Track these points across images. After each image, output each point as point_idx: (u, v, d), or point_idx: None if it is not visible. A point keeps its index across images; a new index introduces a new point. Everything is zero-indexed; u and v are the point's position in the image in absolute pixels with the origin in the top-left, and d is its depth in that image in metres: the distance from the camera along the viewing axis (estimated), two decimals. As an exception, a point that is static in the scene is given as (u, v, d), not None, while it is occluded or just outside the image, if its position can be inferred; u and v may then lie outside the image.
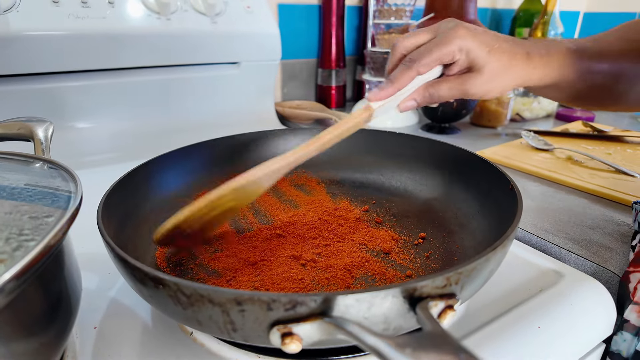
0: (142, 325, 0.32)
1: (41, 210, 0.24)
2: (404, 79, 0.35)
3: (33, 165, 0.32)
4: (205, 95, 0.78)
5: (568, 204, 0.51)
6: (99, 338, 0.30)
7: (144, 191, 0.40)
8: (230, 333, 0.22)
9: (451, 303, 0.22)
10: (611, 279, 0.38)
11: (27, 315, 0.22)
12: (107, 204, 0.32)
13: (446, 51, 0.35)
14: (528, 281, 0.36)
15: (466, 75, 0.36)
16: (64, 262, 0.26)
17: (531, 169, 0.61)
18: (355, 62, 1.09)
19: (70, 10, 0.61)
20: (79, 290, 0.28)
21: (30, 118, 0.38)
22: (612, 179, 0.57)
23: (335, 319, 0.20)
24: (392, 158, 0.50)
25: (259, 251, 0.37)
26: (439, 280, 0.22)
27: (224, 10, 0.75)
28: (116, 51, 0.65)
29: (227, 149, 0.50)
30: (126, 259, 0.24)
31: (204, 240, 0.38)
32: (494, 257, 0.25)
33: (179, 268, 0.35)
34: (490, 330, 0.30)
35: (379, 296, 0.20)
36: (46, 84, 0.62)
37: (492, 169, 0.38)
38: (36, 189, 0.27)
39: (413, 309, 0.21)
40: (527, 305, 0.33)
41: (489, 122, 0.87)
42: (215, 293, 0.21)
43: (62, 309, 0.25)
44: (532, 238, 0.44)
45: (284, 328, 0.20)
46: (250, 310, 0.20)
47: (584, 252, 0.41)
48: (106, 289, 0.35)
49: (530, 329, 0.31)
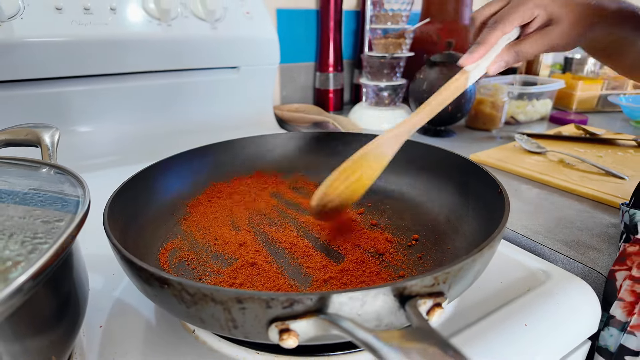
0: (146, 323, 0.33)
1: (52, 214, 0.25)
2: (492, 39, 0.38)
3: (41, 171, 0.34)
4: (205, 99, 0.79)
5: (559, 206, 0.53)
6: (105, 336, 0.32)
7: (147, 194, 0.42)
8: (232, 330, 0.24)
9: (439, 301, 0.23)
10: (597, 278, 0.39)
11: (39, 315, 0.23)
12: (112, 207, 0.33)
13: (526, 9, 0.37)
14: (517, 281, 0.38)
15: (547, 29, 0.38)
16: (73, 264, 0.27)
17: (524, 172, 0.63)
18: (353, 65, 1.11)
19: (73, 17, 0.63)
20: (87, 290, 0.30)
21: (37, 124, 0.39)
22: (602, 182, 0.58)
23: (329, 316, 0.21)
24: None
25: (257, 252, 0.38)
26: (428, 280, 0.23)
27: (223, 16, 0.76)
28: (118, 57, 0.67)
29: (228, 153, 0.52)
30: (133, 261, 0.25)
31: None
32: (480, 258, 0.26)
33: (181, 269, 0.37)
34: (479, 328, 0.32)
35: (371, 294, 0.22)
36: (50, 89, 0.63)
37: (483, 173, 0.39)
38: (46, 194, 0.28)
39: (403, 307, 0.23)
40: (515, 304, 0.34)
41: (484, 125, 0.89)
42: (217, 292, 0.22)
43: (71, 309, 0.26)
44: (522, 239, 0.45)
45: (282, 325, 0.22)
46: (251, 308, 0.22)
47: (572, 253, 0.42)
48: (111, 289, 0.37)
49: (517, 327, 0.32)
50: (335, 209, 0.40)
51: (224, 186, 0.51)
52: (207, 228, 0.43)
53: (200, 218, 0.45)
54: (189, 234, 0.42)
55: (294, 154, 0.55)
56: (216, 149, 0.51)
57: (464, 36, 0.99)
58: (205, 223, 0.44)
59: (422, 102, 0.83)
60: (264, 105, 0.88)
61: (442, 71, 0.78)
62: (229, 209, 0.47)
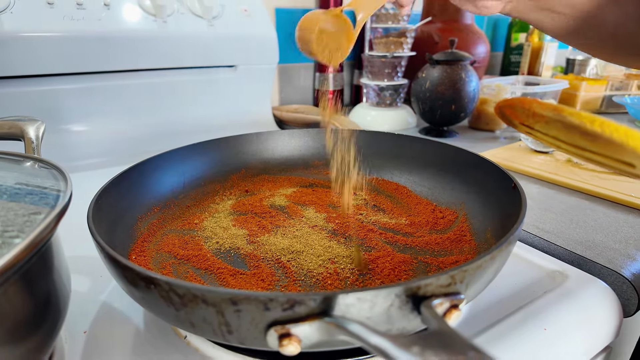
0: (134, 329, 0.30)
1: (29, 207, 0.23)
2: None
3: (23, 164, 0.31)
4: (201, 99, 0.77)
5: (570, 206, 0.51)
6: (89, 343, 0.29)
7: (135, 193, 0.39)
8: (225, 335, 0.21)
9: (456, 302, 0.21)
10: (617, 279, 0.37)
11: (10, 317, 0.20)
12: (98, 204, 0.31)
13: None
14: (532, 283, 0.35)
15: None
16: (52, 263, 0.25)
17: (532, 171, 0.61)
18: (353, 66, 1.09)
19: (65, 12, 0.61)
20: (68, 292, 0.27)
21: (21, 117, 0.37)
22: (613, 181, 0.56)
23: (336, 319, 0.19)
24: (391, 159, 0.50)
25: (261, 251, 0.36)
26: (444, 279, 0.21)
27: (221, 13, 0.74)
28: (111, 54, 0.65)
29: (220, 151, 0.49)
30: (116, 258, 0.23)
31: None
32: (499, 255, 0.24)
33: (172, 269, 0.34)
34: (496, 332, 0.29)
35: (382, 295, 0.19)
36: (40, 86, 0.61)
37: (494, 168, 0.37)
38: (25, 187, 0.26)
39: (417, 309, 0.20)
40: (532, 307, 0.32)
41: (487, 125, 0.87)
42: (209, 293, 0.20)
43: (49, 312, 0.24)
44: (534, 239, 0.43)
45: (282, 329, 0.19)
46: (247, 311, 0.19)
47: (588, 252, 0.40)
48: (97, 292, 0.34)
49: (536, 332, 0.30)
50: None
51: (218, 185, 0.48)
52: (201, 228, 0.41)
53: (193, 218, 0.43)
54: (181, 234, 0.39)
55: (296, 152, 0.53)
56: (207, 146, 0.48)
57: (465, 36, 0.97)
58: (198, 223, 0.42)
59: (424, 101, 0.81)
60: (262, 105, 0.86)
61: (445, 70, 0.76)
62: (224, 208, 0.45)
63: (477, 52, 0.99)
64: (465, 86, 0.75)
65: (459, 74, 0.75)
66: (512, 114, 0.29)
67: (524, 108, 0.28)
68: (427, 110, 0.79)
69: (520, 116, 0.29)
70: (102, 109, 0.67)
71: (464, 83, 0.75)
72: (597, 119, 0.23)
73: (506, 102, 0.29)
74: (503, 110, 0.30)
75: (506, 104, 0.29)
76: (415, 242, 0.37)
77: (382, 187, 0.49)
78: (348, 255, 0.35)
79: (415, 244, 0.37)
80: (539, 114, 0.27)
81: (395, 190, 0.48)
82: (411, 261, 0.34)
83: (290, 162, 0.52)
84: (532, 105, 0.27)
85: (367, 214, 0.43)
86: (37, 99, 0.61)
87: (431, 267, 0.34)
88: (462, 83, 0.75)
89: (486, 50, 1.02)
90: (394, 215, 0.43)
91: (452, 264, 0.34)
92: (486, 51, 1.02)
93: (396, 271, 0.33)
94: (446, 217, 0.41)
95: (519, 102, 0.28)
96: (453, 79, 0.75)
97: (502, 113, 0.30)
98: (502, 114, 0.30)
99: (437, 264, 0.34)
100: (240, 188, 0.49)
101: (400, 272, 0.33)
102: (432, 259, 0.35)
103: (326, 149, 0.37)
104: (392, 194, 0.47)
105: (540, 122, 0.27)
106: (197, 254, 0.36)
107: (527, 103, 0.27)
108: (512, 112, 0.29)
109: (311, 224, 0.41)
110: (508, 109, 0.29)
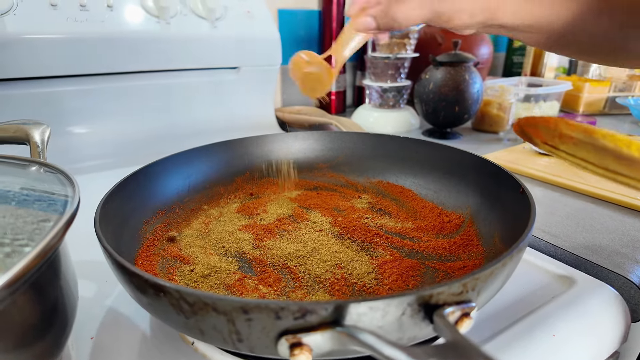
0: (141, 335, 0.30)
1: (37, 214, 0.23)
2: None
3: (29, 169, 0.31)
4: (204, 100, 0.77)
5: (575, 209, 0.50)
6: (95, 349, 0.29)
7: (141, 196, 0.39)
8: (236, 343, 0.21)
9: (468, 310, 0.21)
10: (624, 284, 0.37)
11: (19, 326, 0.20)
12: (104, 209, 0.31)
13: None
14: (540, 288, 0.35)
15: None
16: (60, 270, 0.25)
17: (536, 174, 0.60)
18: (355, 67, 1.09)
19: (68, 14, 0.60)
20: (75, 298, 0.27)
21: (26, 121, 0.37)
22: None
23: (347, 328, 0.19)
24: (396, 162, 0.50)
25: (267, 256, 0.36)
26: (456, 287, 0.20)
27: (224, 15, 0.74)
28: (114, 55, 0.65)
29: (224, 154, 0.49)
30: (125, 265, 0.23)
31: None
32: (510, 262, 0.24)
33: (180, 276, 0.34)
34: (505, 339, 0.29)
35: (394, 304, 0.19)
36: (44, 88, 0.61)
37: (501, 172, 0.37)
38: (33, 193, 0.26)
39: (429, 317, 0.20)
40: (541, 312, 0.32)
41: (491, 127, 0.86)
42: (220, 301, 0.19)
43: (57, 319, 0.24)
44: (541, 243, 0.43)
45: (293, 338, 0.19)
46: (257, 319, 0.19)
47: (595, 257, 0.40)
48: (104, 297, 0.34)
49: (545, 338, 0.29)
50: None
51: (223, 187, 0.48)
52: (208, 233, 0.40)
53: (200, 222, 0.42)
54: (189, 239, 0.39)
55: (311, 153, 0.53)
56: (213, 149, 0.48)
57: (468, 37, 0.97)
58: (204, 227, 0.41)
59: (427, 103, 0.81)
60: (265, 106, 0.86)
61: (449, 71, 0.76)
62: (229, 211, 0.45)
63: (481, 53, 0.99)
64: (469, 88, 0.75)
65: (462, 75, 0.75)
66: (535, 132, 0.28)
67: (549, 128, 0.27)
68: (431, 111, 0.79)
69: (543, 136, 0.28)
70: (105, 111, 0.67)
71: (468, 84, 0.75)
72: (633, 143, 0.23)
73: (528, 120, 0.28)
74: (525, 129, 0.29)
75: (528, 123, 0.28)
76: (422, 247, 0.37)
77: (387, 190, 0.49)
78: (355, 260, 0.35)
79: (422, 249, 0.37)
80: (567, 135, 0.26)
81: (401, 193, 0.48)
82: (419, 266, 0.34)
83: (295, 165, 0.52)
84: (559, 125, 0.26)
85: (373, 218, 0.43)
86: (40, 101, 0.61)
87: (439, 273, 0.34)
88: (466, 84, 0.75)
89: (489, 51, 1.01)
90: (399, 219, 0.43)
91: (459, 269, 0.33)
92: (489, 52, 1.01)
93: (404, 277, 0.33)
94: (452, 221, 0.41)
95: (543, 121, 0.27)
96: (456, 80, 0.75)
97: (523, 131, 0.29)
98: (523, 132, 0.29)
99: (445, 270, 0.34)
100: (245, 191, 0.49)
101: (408, 277, 0.33)
102: (440, 264, 0.35)
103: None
104: (398, 197, 0.47)
105: (568, 143, 0.26)
106: (203, 259, 0.36)
107: (553, 123, 0.26)
108: (534, 131, 0.28)
109: (317, 228, 0.41)
110: (531, 127, 0.28)
